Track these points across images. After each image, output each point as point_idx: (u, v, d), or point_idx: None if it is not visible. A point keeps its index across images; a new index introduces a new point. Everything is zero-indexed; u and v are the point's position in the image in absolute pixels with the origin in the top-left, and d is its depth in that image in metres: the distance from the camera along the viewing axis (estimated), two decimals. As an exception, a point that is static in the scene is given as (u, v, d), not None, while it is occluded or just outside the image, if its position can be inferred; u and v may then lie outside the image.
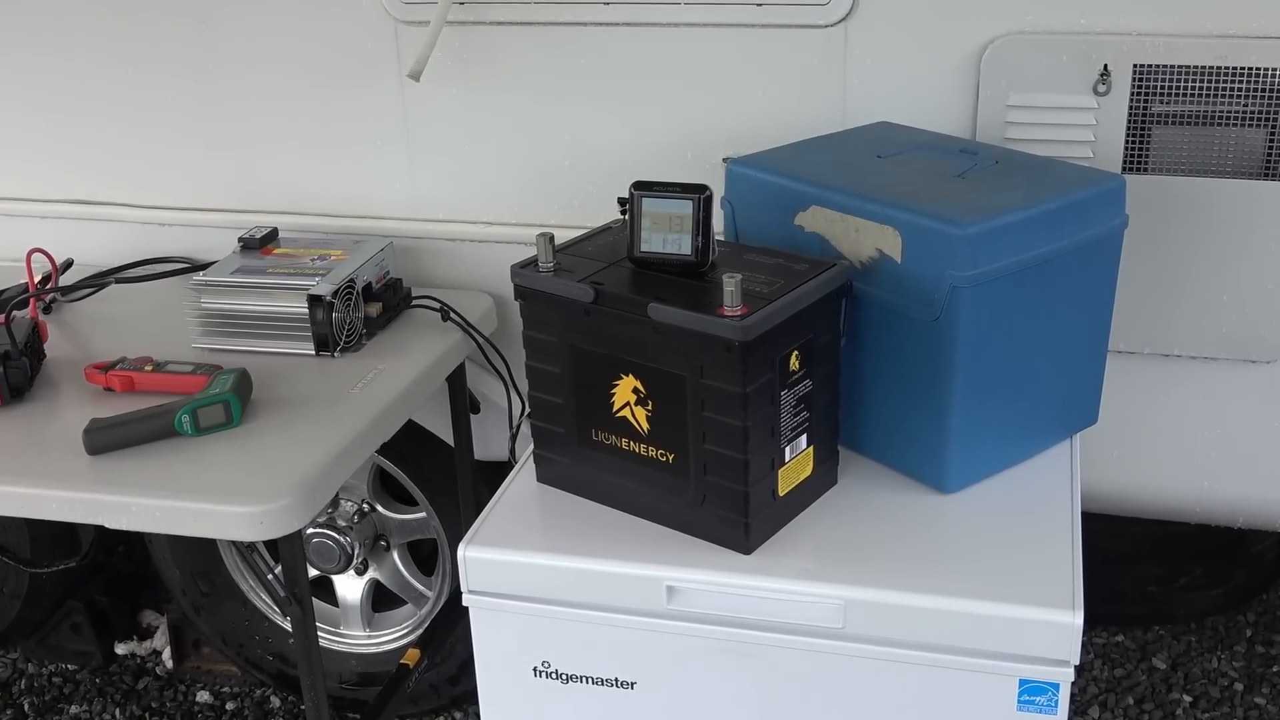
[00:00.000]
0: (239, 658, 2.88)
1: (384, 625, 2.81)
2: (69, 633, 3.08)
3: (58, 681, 3.07)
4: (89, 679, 3.07)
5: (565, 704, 1.57)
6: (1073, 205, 1.57)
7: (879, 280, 1.56)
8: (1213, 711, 2.80)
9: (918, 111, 1.94)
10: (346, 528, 2.65)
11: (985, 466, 1.63)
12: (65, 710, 2.97)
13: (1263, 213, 1.88)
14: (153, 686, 3.03)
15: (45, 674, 3.09)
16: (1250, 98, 1.82)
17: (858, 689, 1.47)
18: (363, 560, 2.71)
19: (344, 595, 2.81)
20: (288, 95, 2.20)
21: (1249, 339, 1.97)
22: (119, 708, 2.97)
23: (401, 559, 2.76)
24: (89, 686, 3.04)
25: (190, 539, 2.71)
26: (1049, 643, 1.38)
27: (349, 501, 2.68)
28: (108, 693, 3.02)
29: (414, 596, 2.78)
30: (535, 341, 1.58)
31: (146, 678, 3.06)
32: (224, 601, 2.80)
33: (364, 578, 2.77)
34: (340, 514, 2.67)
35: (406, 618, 2.79)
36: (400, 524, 2.72)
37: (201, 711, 2.95)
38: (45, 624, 3.05)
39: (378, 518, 2.71)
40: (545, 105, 2.10)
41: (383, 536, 2.73)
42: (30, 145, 2.35)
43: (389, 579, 2.78)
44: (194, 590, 2.80)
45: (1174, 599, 2.94)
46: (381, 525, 2.72)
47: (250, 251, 2.11)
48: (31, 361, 1.93)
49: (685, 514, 1.53)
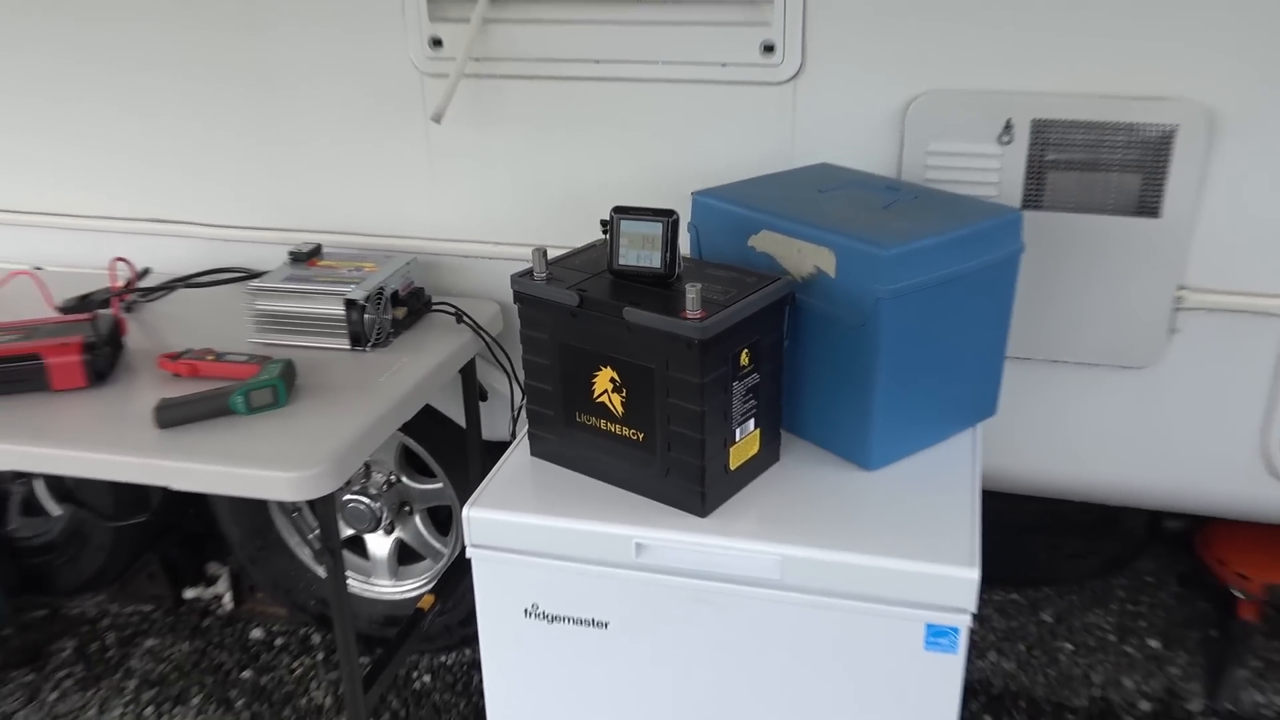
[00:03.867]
0: (286, 601, 2.86)
1: (407, 577, 2.80)
2: (146, 580, 3.06)
3: (136, 619, 3.05)
4: (162, 618, 3.05)
5: (550, 640, 1.56)
6: (978, 233, 1.56)
7: (817, 292, 1.55)
8: (1089, 658, 2.79)
9: (852, 154, 1.94)
10: (377, 495, 2.64)
11: (902, 448, 1.62)
12: (142, 643, 2.95)
13: (1137, 244, 1.87)
14: (215, 624, 3.02)
15: (126, 613, 3.07)
16: (1127, 149, 1.82)
17: (793, 630, 1.46)
18: (390, 522, 2.70)
19: (374, 551, 2.79)
20: (332, 134, 2.18)
21: (1124, 348, 1.96)
22: (187, 641, 2.95)
23: (422, 521, 2.75)
24: (162, 624, 3.03)
25: (245, 502, 2.71)
26: (951, 593, 1.37)
27: (379, 473, 2.67)
28: (178, 629, 3.00)
29: (432, 553, 2.76)
30: (530, 338, 1.56)
31: (209, 617, 3.05)
32: (274, 555, 2.79)
33: (391, 537, 2.76)
34: (372, 484, 2.65)
35: (425, 570, 2.78)
36: (421, 492, 2.70)
37: (254, 645, 2.93)
38: (126, 572, 3.04)
39: (402, 487, 2.69)
40: (543, 145, 2.09)
41: (407, 503, 2.72)
42: (117, 174, 2.34)
43: (411, 538, 2.76)
44: (249, 545, 2.78)
45: (1059, 565, 2.94)
46: (406, 493, 2.70)
47: (298, 263, 2.09)
48: (113, 351, 1.92)
49: (652, 483, 1.51)
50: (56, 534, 2.96)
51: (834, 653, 1.45)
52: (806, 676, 1.48)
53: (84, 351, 1.83)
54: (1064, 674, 2.74)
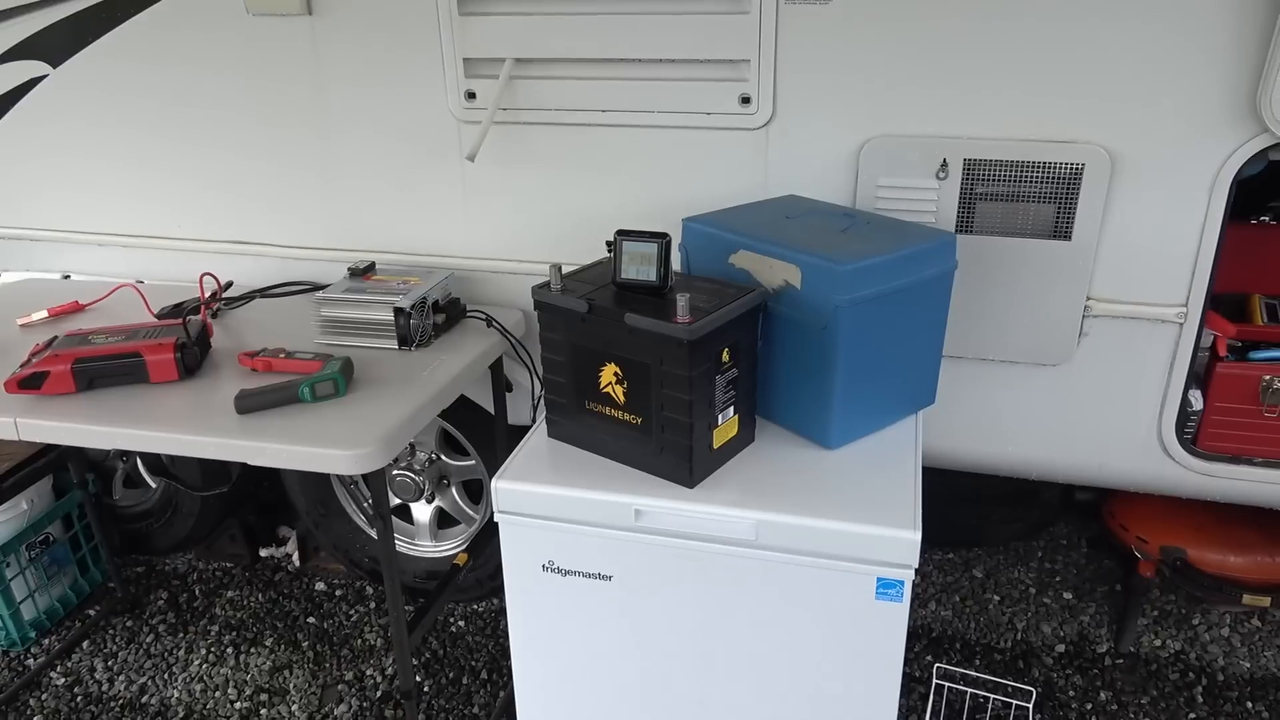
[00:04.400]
0: (345, 559, 2.86)
1: (445, 539, 2.79)
2: (227, 541, 3.06)
3: (219, 574, 3.04)
4: (240, 573, 3.05)
5: (563, 590, 1.56)
6: (919, 253, 1.57)
7: (786, 301, 1.55)
8: (1014, 607, 2.79)
9: (815, 187, 1.94)
10: (420, 470, 2.64)
11: (857, 431, 1.63)
12: (224, 594, 2.95)
13: (1052, 262, 1.87)
14: (285, 579, 3.01)
15: (210, 569, 3.07)
16: (1043, 183, 1.82)
17: (765, 583, 1.46)
18: (431, 493, 2.70)
19: (418, 517, 2.79)
20: (384, 171, 2.18)
21: (1041, 348, 1.96)
22: (261, 593, 2.95)
23: (458, 492, 2.74)
24: (240, 578, 3.02)
25: (310, 476, 2.71)
26: (897, 551, 1.37)
27: (422, 452, 2.66)
28: (254, 582, 3.00)
29: (466, 519, 2.76)
30: (547, 339, 1.57)
31: (280, 572, 3.04)
32: (335, 520, 2.78)
33: (431, 505, 2.76)
34: (416, 461, 2.66)
35: (460, 533, 2.77)
36: (457, 468, 2.70)
37: (318, 596, 2.93)
38: (211, 535, 3.03)
39: (441, 464, 2.69)
40: (559, 179, 2.09)
41: (445, 477, 2.72)
42: (207, 204, 2.34)
43: (449, 506, 2.76)
44: (314, 512, 2.78)
45: (988, 530, 2.93)
46: (444, 469, 2.70)
47: (355, 277, 2.09)
48: (201, 350, 1.91)
49: (648, 459, 1.52)
50: (153, 503, 2.96)
51: (800, 602, 1.46)
52: (777, 622, 1.48)
53: (177, 351, 1.83)
54: (992, 620, 2.74)
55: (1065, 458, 2.08)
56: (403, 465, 2.66)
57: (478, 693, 2.53)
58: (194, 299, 2.17)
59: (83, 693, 2.58)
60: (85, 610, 2.90)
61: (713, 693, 1.56)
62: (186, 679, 2.61)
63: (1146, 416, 1.99)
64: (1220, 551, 2.42)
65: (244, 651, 2.70)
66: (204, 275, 2.17)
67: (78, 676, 2.64)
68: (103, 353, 1.82)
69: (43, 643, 2.78)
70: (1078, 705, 2.42)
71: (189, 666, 2.66)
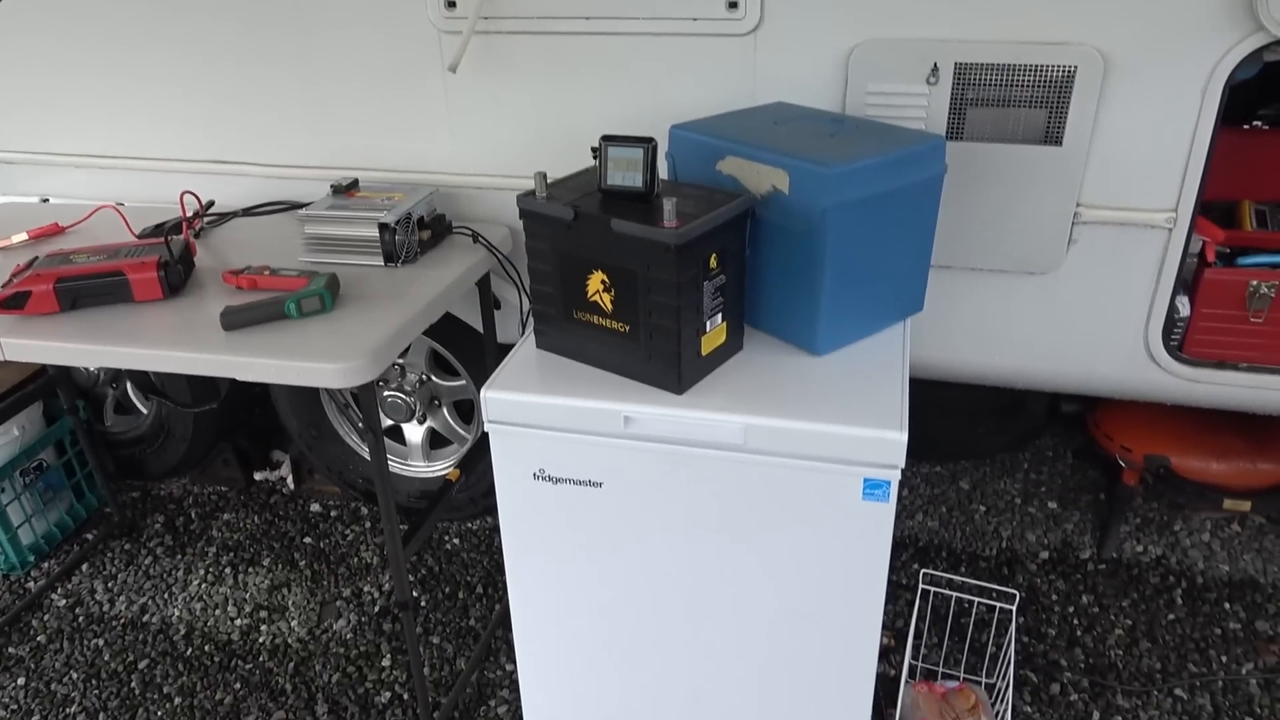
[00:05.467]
0: (339, 481, 2.88)
1: (437, 459, 2.81)
2: (222, 465, 3.08)
3: (214, 498, 3.07)
4: (235, 496, 3.07)
5: (554, 498, 1.58)
6: (907, 156, 1.54)
7: (773, 207, 1.53)
8: (999, 517, 2.83)
9: (804, 94, 1.90)
10: (411, 391, 2.65)
11: (845, 337, 1.63)
12: (220, 517, 2.97)
13: (1043, 169, 1.86)
14: (280, 501, 3.03)
15: (205, 493, 3.09)
16: (1035, 87, 1.79)
17: (754, 486, 1.47)
18: (422, 414, 2.71)
19: (410, 438, 2.80)
20: (365, 86, 2.14)
21: (1030, 257, 1.95)
22: (257, 515, 2.97)
23: (449, 412, 2.75)
24: (235, 501, 3.04)
25: (302, 398, 2.71)
26: (884, 452, 1.38)
27: (413, 373, 2.67)
28: (249, 505, 3.02)
29: (458, 438, 2.77)
30: (534, 248, 1.55)
31: (275, 495, 3.06)
32: (328, 442, 2.80)
33: (423, 426, 2.77)
34: (407, 382, 2.66)
35: (453, 453, 2.79)
36: (448, 389, 2.71)
37: (314, 517, 2.96)
38: (205, 459, 3.05)
39: (432, 385, 2.70)
40: (544, 90, 2.04)
41: (436, 397, 2.72)
42: (187, 122, 2.29)
43: (441, 427, 2.77)
44: (307, 434, 2.79)
45: (975, 442, 2.96)
46: (435, 390, 2.71)
47: (339, 194, 2.06)
48: (184, 268, 1.89)
49: (637, 367, 1.52)
50: (145, 429, 2.96)
51: (788, 504, 1.47)
52: (766, 524, 1.50)
53: (160, 268, 1.81)
54: (978, 530, 2.79)
55: (1053, 366, 2.09)
56: (394, 386, 2.66)
57: (474, 606, 2.57)
58: (176, 218, 2.14)
59: (84, 613, 2.62)
60: (83, 535, 2.93)
61: (703, 595, 1.59)
62: (186, 598, 2.65)
63: (1134, 323, 1.99)
64: (1203, 458, 2.46)
65: (242, 571, 2.73)
66: (184, 194, 2.13)
67: (79, 598, 2.67)
68: (85, 271, 1.80)
69: (42, 566, 2.81)
70: (1060, 608, 2.48)
71: (188, 586, 2.69)
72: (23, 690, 2.38)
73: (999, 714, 2.03)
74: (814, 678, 1.61)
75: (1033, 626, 2.42)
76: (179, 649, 2.48)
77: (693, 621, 1.62)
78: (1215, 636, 2.38)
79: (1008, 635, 2.21)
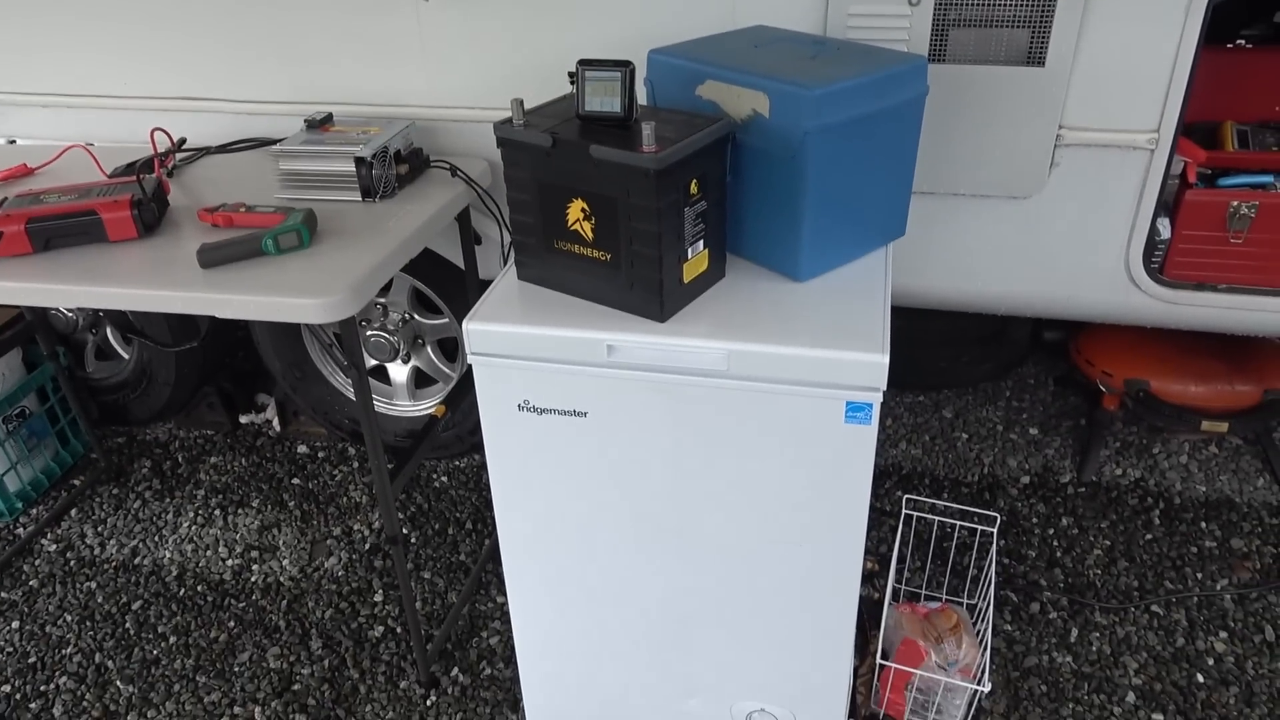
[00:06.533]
0: (325, 422, 2.88)
1: (422, 398, 2.81)
2: (206, 409, 3.07)
3: (200, 442, 3.06)
4: (222, 440, 3.06)
5: (540, 429, 1.57)
6: (889, 77, 1.52)
7: (754, 131, 1.51)
8: (981, 444, 2.86)
9: (784, 17, 1.87)
10: (394, 330, 2.63)
11: (826, 262, 1.61)
12: (207, 460, 2.97)
13: (1026, 91, 1.84)
14: (266, 444, 3.03)
15: (192, 437, 3.08)
16: (1018, 6, 1.76)
17: (738, 412, 1.47)
18: (406, 353, 2.70)
19: (395, 378, 2.80)
20: (339, 19, 2.09)
21: (1012, 181, 1.95)
22: (244, 458, 2.97)
23: (433, 351, 2.74)
24: (222, 445, 3.04)
25: (285, 339, 2.69)
26: (866, 375, 1.38)
27: (395, 312, 2.65)
28: (236, 448, 3.02)
29: (443, 376, 2.77)
30: (512, 177, 1.53)
31: (262, 438, 3.06)
32: (312, 383, 2.79)
33: (408, 365, 2.77)
34: (390, 321, 2.65)
35: (438, 392, 2.79)
36: (431, 327, 2.69)
37: (301, 458, 2.96)
38: (190, 403, 3.04)
39: (415, 324, 2.68)
40: (519, 19, 2.00)
41: (419, 336, 2.71)
42: (155, 57, 2.23)
43: (425, 365, 2.77)
44: (291, 376, 2.78)
45: (958, 371, 2.98)
46: (418, 329, 2.70)
47: (313, 129, 2.02)
48: (158, 207, 1.86)
49: (619, 296, 1.50)
50: (127, 374, 2.94)
51: (772, 429, 1.48)
52: (750, 450, 1.51)
53: (133, 207, 1.78)
54: (960, 457, 2.82)
55: (1034, 291, 2.09)
56: (376, 325, 2.65)
57: (463, 541, 2.60)
58: (147, 156, 2.10)
59: (75, 557, 2.63)
60: (70, 481, 2.92)
61: (689, 521, 1.60)
62: (177, 540, 2.66)
63: (1115, 246, 1.99)
64: (1182, 382, 2.48)
65: (231, 513, 2.74)
66: (155, 131, 2.09)
67: (69, 542, 2.68)
68: (57, 211, 1.77)
69: (30, 513, 2.80)
70: (1040, 530, 2.52)
71: (178, 529, 2.70)
72: (18, 633, 2.39)
73: (980, 632, 2.08)
74: (799, 600, 1.64)
75: (1013, 549, 2.46)
76: (172, 590, 2.49)
77: (679, 548, 1.64)
78: (1191, 555, 2.43)
79: (989, 557, 2.25)
